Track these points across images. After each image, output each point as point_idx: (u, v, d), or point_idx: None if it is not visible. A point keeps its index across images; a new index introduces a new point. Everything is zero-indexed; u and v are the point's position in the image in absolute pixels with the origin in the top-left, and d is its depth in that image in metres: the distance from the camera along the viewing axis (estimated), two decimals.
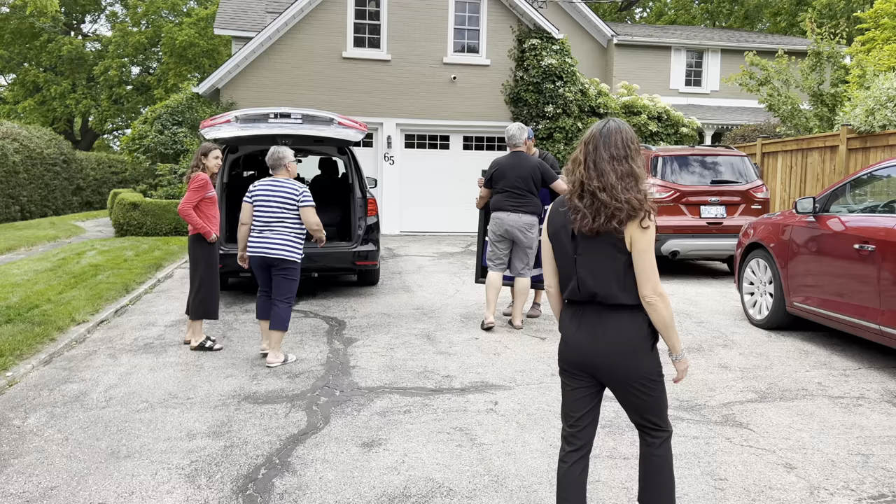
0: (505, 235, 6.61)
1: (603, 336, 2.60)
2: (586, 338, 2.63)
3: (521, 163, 6.58)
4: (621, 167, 2.57)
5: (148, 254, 11.25)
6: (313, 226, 5.57)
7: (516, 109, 16.73)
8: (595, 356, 2.62)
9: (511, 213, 6.56)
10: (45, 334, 6.13)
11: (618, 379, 2.62)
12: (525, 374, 5.24)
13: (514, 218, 6.55)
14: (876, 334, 5.28)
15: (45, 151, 21.13)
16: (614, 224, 2.51)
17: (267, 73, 15.84)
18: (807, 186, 12.01)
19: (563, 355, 2.73)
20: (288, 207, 5.50)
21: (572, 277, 2.65)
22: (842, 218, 5.80)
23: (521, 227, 6.57)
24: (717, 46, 21.74)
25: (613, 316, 2.59)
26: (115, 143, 43.69)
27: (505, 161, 6.67)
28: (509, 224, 6.56)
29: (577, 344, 2.66)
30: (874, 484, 3.48)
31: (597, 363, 2.62)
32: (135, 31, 35.68)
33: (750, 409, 4.55)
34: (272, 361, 5.48)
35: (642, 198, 2.55)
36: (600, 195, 2.53)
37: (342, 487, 3.41)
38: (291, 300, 5.58)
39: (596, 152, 2.60)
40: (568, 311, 2.73)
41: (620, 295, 2.56)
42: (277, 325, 5.47)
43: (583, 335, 2.64)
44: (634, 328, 2.59)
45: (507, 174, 6.57)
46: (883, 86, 10.73)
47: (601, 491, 3.38)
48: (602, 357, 2.61)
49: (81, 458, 3.73)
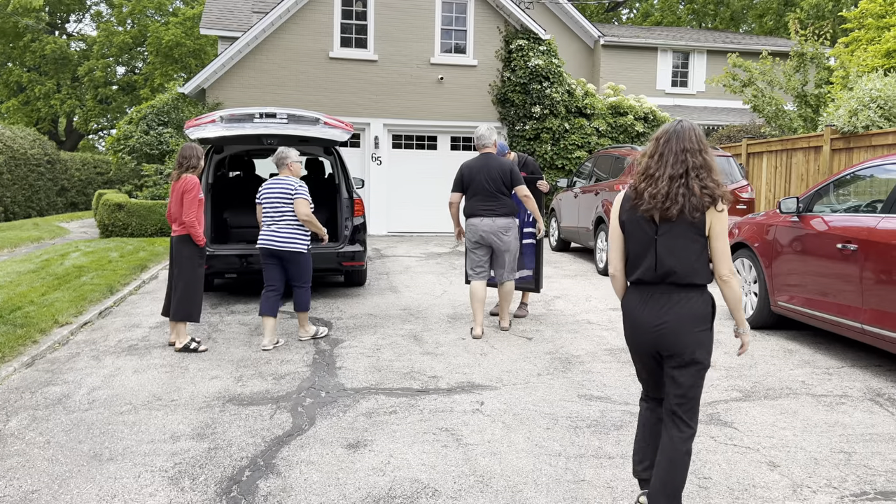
0: (481, 242, 6.35)
1: (670, 311, 2.84)
2: (654, 315, 2.87)
3: (489, 164, 6.31)
4: (696, 159, 2.86)
5: (133, 255, 11.17)
6: (302, 216, 5.96)
7: (503, 110, 16.75)
8: (662, 330, 2.85)
9: (484, 218, 6.29)
10: (28, 336, 6.07)
11: (679, 352, 2.84)
12: (511, 374, 5.24)
13: (487, 223, 6.29)
14: (859, 333, 5.33)
15: (29, 152, 20.95)
16: (698, 210, 2.80)
17: (253, 73, 15.77)
18: (791, 186, 12.10)
19: (631, 338, 3.00)
20: (287, 202, 6.00)
21: (646, 259, 2.88)
22: (825, 218, 5.84)
23: (495, 232, 6.31)
24: (703, 47, 21.87)
25: (683, 294, 2.85)
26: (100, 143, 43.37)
27: (473, 163, 6.38)
28: (483, 230, 6.30)
29: (645, 322, 2.90)
30: (856, 481, 3.50)
31: (664, 335, 2.85)
32: (120, 30, 35.42)
33: (734, 407, 4.57)
34: (303, 335, 6.25)
35: (716, 186, 2.85)
36: (687, 183, 2.81)
37: (327, 489, 3.40)
38: (307, 284, 6.18)
39: (675, 145, 2.89)
40: (635, 292, 2.96)
41: (694, 275, 2.82)
42: (300, 307, 6.19)
43: (650, 313, 2.88)
44: (701, 305, 2.87)
45: (476, 177, 6.30)
46: (866, 87, 10.83)
47: (586, 490, 3.39)
48: (669, 329, 2.84)
49: (63, 462, 3.70)
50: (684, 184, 2.81)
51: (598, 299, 8.28)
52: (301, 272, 6.09)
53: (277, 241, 5.97)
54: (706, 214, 2.81)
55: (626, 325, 3.01)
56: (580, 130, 16.42)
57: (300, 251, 6.03)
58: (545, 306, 7.85)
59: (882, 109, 10.55)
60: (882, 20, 16.76)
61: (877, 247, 5.08)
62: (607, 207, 10.18)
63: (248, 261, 7.70)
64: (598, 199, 10.65)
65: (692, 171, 2.83)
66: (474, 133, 6.52)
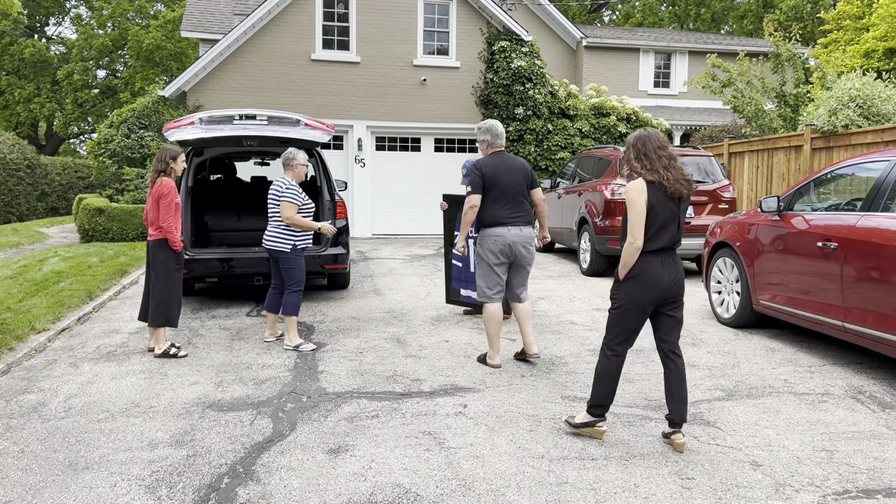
0: (506, 256, 5.40)
1: (677, 271, 3.83)
2: (671, 274, 3.78)
3: (511, 164, 5.47)
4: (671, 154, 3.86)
5: (113, 260, 11.04)
6: (286, 220, 6.04)
7: (487, 111, 16.74)
8: (675, 286, 3.81)
9: (512, 228, 5.37)
10: (3, 343, 5.96)
11: (680, 300, 3.87)
12: (495, 377, 5.21)
13: (515, 233, 5.37)
14: (839, 331, 5.35)
15: (9, 157, 20.67)
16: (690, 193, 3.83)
17: (234, 75, 15.66)
18: (773, 185, 12.18)
19: (648, 293, 3.75)
20: (276, 203, 6.14)
21: (670, 231, 3.76)
22: (805, 216, 5.87)
23: (524, 243, 5.42)
24: (685, 48, 22.00)
25: (677, 256, 3.87)
26: (81, 147, 42.93)
27: (494, 163, 5.44)
28: (512, 240, 5.36)
29: (665, 280, 3.75)
30: (839, 480, 3.50)
31: (675, 290, 3.82)
32: (100, 33, 35.10)
33: (717, 407, 4.57)
34: (287, 343, 6.11)
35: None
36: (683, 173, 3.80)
37: (307, 495, 3.35)
38: (295, 287, 6.13)
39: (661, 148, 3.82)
40: (654, 258, 3.74)
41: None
42: (287, 311, 6.11)
43: (669, 273, 3.77)
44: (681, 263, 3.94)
45: (501, 178, 5.37)
46: (845, 86, 10.92)
47: (569, 492, 3.36)
48: (678, 285, 3.83)
49: (38, 471, 3.62)
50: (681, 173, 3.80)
51: (581, 300, 8.27)
52: (288, 273, 6.13)
53: (266, 239, 6.19)
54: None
55: (642, 287, 3.74)
56: (563, 131, 16.45)
57: (281, 249, 6.10)
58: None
59: (861, 108, 10.65)
60: (860, 21, 16.94)
61: (856, 245, 5.10)
62: (591, 208, 10.19)
63: (228, 265, 7.62)
64: (581, 200, 10.65)
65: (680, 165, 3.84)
66: (480, 126, 5.66)
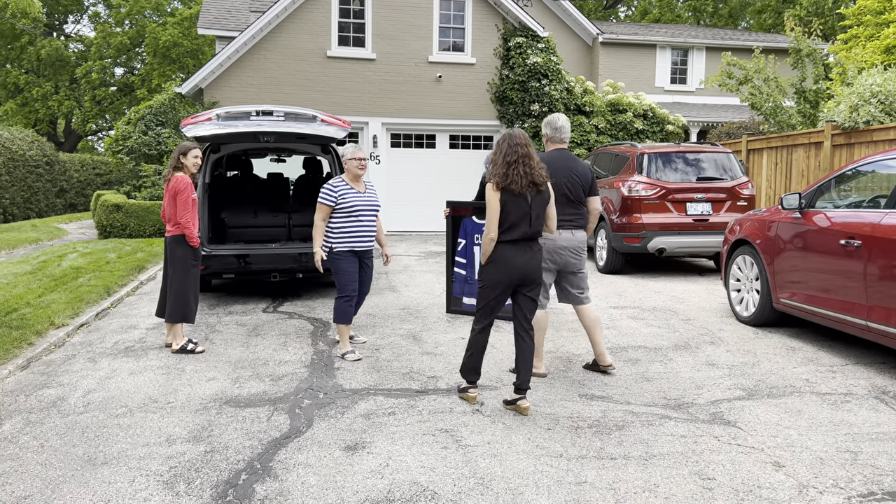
0: (554, 262, 5.03)
1: (531, 258, 4.37)
2: (524, 261, 4.33)
3: (573, 164, 5.04)
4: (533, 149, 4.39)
5: (130, 256, 11.11)
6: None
7: (502, 108, 16.69)
8: (528, 270, 4.35)
9: (563, 231, 4.95)
10: (24, 338, 6.01)
11: (532, 283, 4.40)
12: (512, 375, 5.17)
13: (566, 237, 4.98)
14: (863, 330, 5.27)
15: (28, 153, 20.88)
16: (542, 186, 4.35)
17: (251, 72, 15.71)
18: (792, 183, 12.04)
19: (505, 275, 4.33)
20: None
21: (523, 226, 4.30)
22: (827, 214, 5.78)
23: (575, 248, 5.03)
24: (702, 44, 21.80)
25: (535, 245, 4.41)
26: (99, 144, 43.29)
27: (553, 159, 4.99)
28: (562, 245, 4.97)
29: (518, 265, 4.33)
30: (863, 482, 3.44)
31: (528, 274, 4.36)
32: (118, 31, 35.34)
33: (738, 406, 4.51)
34: (336, 351, 5.80)
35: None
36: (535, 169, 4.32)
37: (324, 492, 3.34)
38: (341, 293, 5.67)
39: (524, 147, 4.34)
40: (508, 247, 4.32)
41: (542, 231, 4.46)
42: (334, 317, 5.72)
43: (521, 259, 4.33)
44: (542, 251, 4.52)
45: (559, 177, 4.93)
46: (866, 82, 10.77)
47: (588, 492, 3.33)
48: (531, 270, 4.37)
49: (57, 466, 3.64)
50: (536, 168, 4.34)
51: (598, 297, 8.22)
52: (334, 278, 5.71)
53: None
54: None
55: (500, 269, 4.31)
56: (579, 128, 16.35)
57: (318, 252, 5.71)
58: None
59: (883, 104, 10.49)
60: (880, 17, 16.69)
61: (881, 242, 5.02)
62: (607, 205, 10.11)
63: (245, 261, 7.63)
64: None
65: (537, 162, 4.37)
66: (546, 121, 5.16)
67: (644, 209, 9.54)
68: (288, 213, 9.06)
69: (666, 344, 6.12)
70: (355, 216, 5.67)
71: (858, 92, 10.69)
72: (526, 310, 4.43)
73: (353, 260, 5.70)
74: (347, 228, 5.65)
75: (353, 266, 5.69)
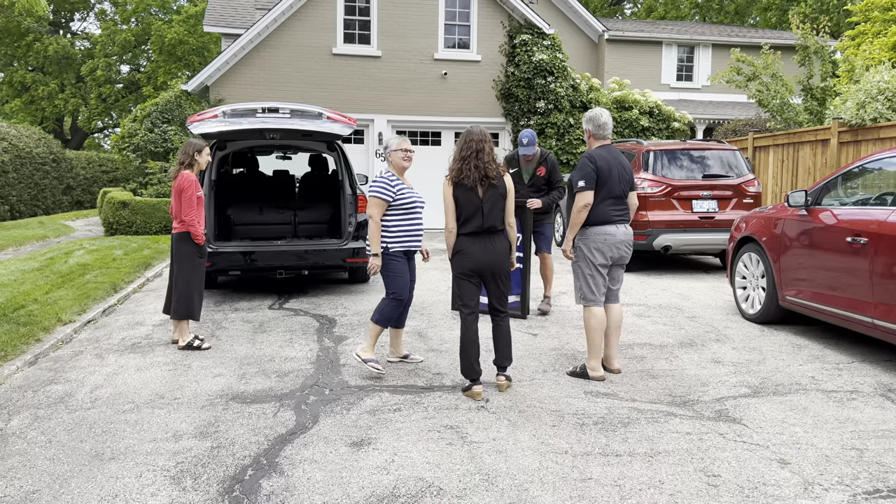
0: (612, 258, 5.02)
1: (491, 249, 4.62)
2: (485, 251, 4.60)
3: (620, 159, 5.06)
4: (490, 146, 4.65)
5: (137, 253, 11.15)
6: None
7: (508, 105, 16.68)
8: (490, 261, 4.61)
9: (620, 226, 5.01)
10: (31, 335, 6.04)
11: (498, 273, 4.66)
12: (517, 371, 5.18)
13: (623, 231, 5.02)
14: (869, 327, 5.26)
15: (35, 151, 20.96)
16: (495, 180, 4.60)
17: (256, 69, 15.73)
18: (798, 180, 12.00)
19: (468, 265, 4.61)
20: None
21: (477, 220, 4.57)
22: (834, 211, 5.77)
23: (629, 243, 5.09)
24: (708, 41, 21.74)
25: (496, 236, 4.65)
26: (105, 141, 43.42)
27: (606, 156, 5.00)
28: (621, 239, 5.00)
29: (480, 256, 4.59)
30: (869, 479, 3.44)
31: (491, 265, 4.62)
32: (124, 28, 35.42)
33: (743, 403, 4.51)
34: (357, 355, 5.08)
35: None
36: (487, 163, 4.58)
37: (330, 488, 3.35)
38: (391, 294, 5.01)
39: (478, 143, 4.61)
40: (467, 239, 4.61)
41: (500, 224, 4.66)
42: (373, 315, 5.08)
43: (481, 250, 4.60)
44: (506, 242, 4.73)
45: (612, 174, 4.95)
46: (874, 79, 10.72)
47: (593, 489, 3.33)
48: (494, 261, 4.62)
49: (65, 461, 3.66)
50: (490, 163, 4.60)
51: None
52: (383, 280, 5.10)
53: None
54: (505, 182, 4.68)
55: (462, 260, 4.63)
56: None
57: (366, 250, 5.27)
58: (550, 302, 7.77)
59: (890, 101, 10.45)
60: (888, 13, 16.61)
61: (887, 240, 5.00)
62: None
63: (251, 258, 7.66)
64: None
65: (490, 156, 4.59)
66: (589, 117, 5.11)
67: (650, 206, 9.53)
68: (294, 210, 9.08)
69: (671, 341, 6.12)
70: (413, 212, 5.09)
71: (865, 89, 10.64)
72: (495, 298, 4.73)
73: (405, 260, 5.12)
74: (404, 226, 5.03)
75: (405, 267, 5.10)
